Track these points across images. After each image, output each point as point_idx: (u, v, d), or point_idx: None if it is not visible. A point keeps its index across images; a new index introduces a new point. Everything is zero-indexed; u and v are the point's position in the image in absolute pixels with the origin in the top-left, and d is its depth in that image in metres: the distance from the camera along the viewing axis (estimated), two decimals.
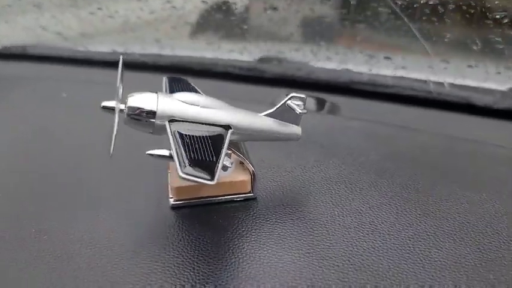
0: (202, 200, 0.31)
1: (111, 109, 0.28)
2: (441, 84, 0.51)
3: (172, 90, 0.33)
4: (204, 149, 0.26)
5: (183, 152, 0.25)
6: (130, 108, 0.28)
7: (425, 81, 0.52)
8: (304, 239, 0.28)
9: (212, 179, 0.24)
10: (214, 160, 0.25)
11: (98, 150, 0.31)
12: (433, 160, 0.38)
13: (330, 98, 0.52)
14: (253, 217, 0.30)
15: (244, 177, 0.31)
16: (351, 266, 0.26)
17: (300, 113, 0.31)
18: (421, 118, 0.48)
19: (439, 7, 0.50)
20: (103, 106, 0.28)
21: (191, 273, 0.25)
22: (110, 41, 0.70)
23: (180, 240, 0.28)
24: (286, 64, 0.61)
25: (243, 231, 0.29)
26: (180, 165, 0.24)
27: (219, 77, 0.58)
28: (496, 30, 0.48)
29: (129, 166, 0.36)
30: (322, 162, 0.36)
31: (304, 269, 0.26)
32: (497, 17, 0.47)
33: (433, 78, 0.52)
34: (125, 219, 0.30)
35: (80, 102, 0.48)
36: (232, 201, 0.32)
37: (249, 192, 0.32)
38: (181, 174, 0.23)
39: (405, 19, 0.51)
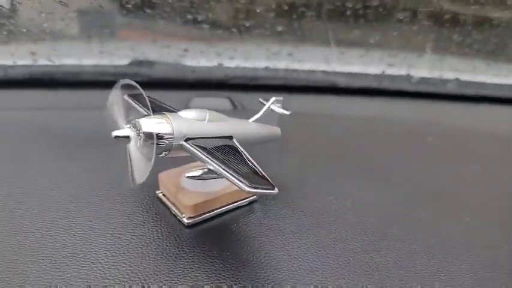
0: (213, 212, 0.32)
1: (125, 138, 0.27)
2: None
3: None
4: (233, 161, 0.28)
5: (227, 167, 0.26)
6: (147, 134, 0.27)
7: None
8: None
9: (274, 188, 0.25)
10: (255, 169, 0.27)
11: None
12: None
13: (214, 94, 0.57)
14: (264, 217, 0.33)
15: None
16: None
17: (287, 114, 0.35)
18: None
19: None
20: (115, 136, 0.27)
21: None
22: None
23: (205, 256, 0.28)
24: (159, 66, 0.60)
25: (260, 231, 0.31)
26: (240, 181, 0.25)
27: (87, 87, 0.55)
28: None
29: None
30: None
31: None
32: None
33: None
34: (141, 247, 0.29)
35: None
36: (238, 207, 0.33)
37: (253, 196, 0.34)
38: (249, 189, 0.24)
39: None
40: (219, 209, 0.32)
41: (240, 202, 0.33)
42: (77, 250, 0.28)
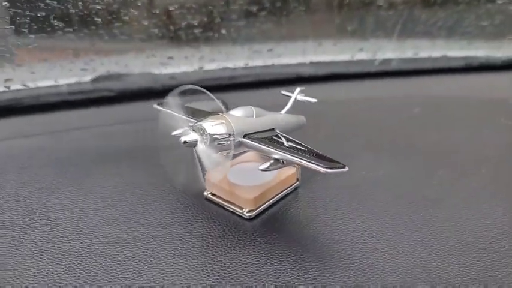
0: (267, 203, 0.34)
1: (194, 142, 0.28)
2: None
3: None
4: (295, 148, 0.30)
5: (296, 154, 0.28)
6: (211, 135, 0.28)
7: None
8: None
9: (344, 166, 0.27)
10: (316, 152, 0.29)
11: None
12: None
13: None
14: (307, 201, 0.35)
15: (292, 169, 0.35)
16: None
17: (314, 102, 0.37)
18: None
19: None
20: (184, 141, 0.28)
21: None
22: None
23: (273, 244, 0.30)
24: (128, 78, 0.60)
25: (315, 212, 0.33)
26: (316, 165, 0.27)
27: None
28: None
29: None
30: None
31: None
32: None
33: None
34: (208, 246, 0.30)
35: None
36: (286, 195, 0.35)
37: (296, 181, 0.36)
38: (326, 170, 0.26)
39: None
40: (272, 199, 0.34)
41: (286, 190, 0.35)
42: (144, 261, 0.28)
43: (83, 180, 0.38)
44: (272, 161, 0.29)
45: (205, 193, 0.35)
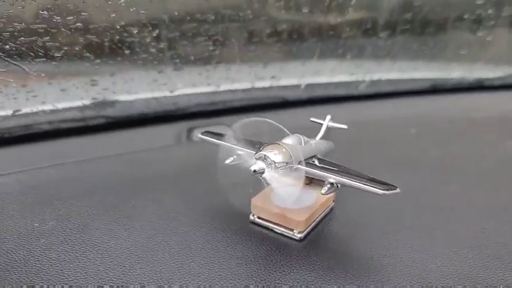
0: (313, 223, 0.36)
1: (262, 170, 0.30)
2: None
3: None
4: (346, 172, 0.33)
5: (352, 178, 0.31)
6: (279, 163, 0.30)
7: None
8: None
9: (396, 187, 0.30)
10: (366, 175, 0.32)
11: None
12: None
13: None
14: (345, 220, 0.38)
15: None
16: None
17: (345, 128, 0.40)
18: None
19: None
20: (254, 170, 0.30)
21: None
22: None
23: (326, 263, 0.32)
24: (122, 104, 0.58)
25: (355, 228, 0.36)
26: (373, 187, 0.30)
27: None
28: None
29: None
30: None
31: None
32: None
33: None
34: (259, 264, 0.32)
35: None
36: (325, 215, 0.38)
37: (333, 202, 0.39)
38: (383, 192, 0.29)
39: None
40: (316, 220, 0.36)
41: (325, 210, 0.38)
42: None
43: (124, 208, 0.38)
44: (329, 185, 0.32)
45: (251, 217, 0.37)
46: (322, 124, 0.42)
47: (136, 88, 0.53)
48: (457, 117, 0.66)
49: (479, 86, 0.82)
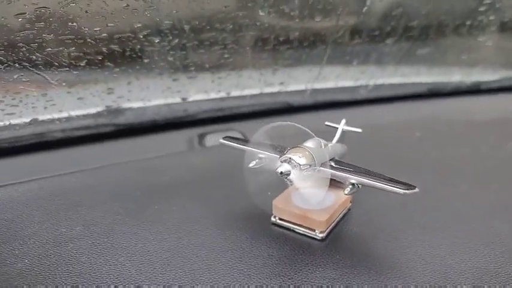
0: (333, 224, 0.37)
1: (288, 172, 0.31)
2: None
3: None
4: (366, 173, 0.34)
5: (373, 179, 0.32)
6: (304, 165, 0.32)
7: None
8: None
9: (415, 187, 0.32)
10: (384, 176, 0.34)
11: None
12: None
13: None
14: (363, 220, 0.39)
15: None
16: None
17: (359, 131, 0.42)
18: None
19: None
20: (280, 172, 0.31)
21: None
22: None
23: (349, 260, 0.33)
24: (130, 112, 0.59)
25: (374, 228, 0.38)
26: (395, 187, 0.31)
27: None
28: None
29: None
30: None
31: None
32: None
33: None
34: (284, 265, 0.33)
35: None
36: (343, 216, 0.39)
37: (350, 203, 0.40)
38: (405, 192, 0.31)
39: None
40: (335, 220, 0.38)
41: (343, 211, 0.39)
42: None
43: (146, 213, 0.39)
44: (351, 186, 0.33)
45: (272, 218, 0.38)
46: (337, 128, 0.43)
47: (150, 96, 0.54)
48: (456, 119, 0.68)
49: (477, 90, 0.84)
